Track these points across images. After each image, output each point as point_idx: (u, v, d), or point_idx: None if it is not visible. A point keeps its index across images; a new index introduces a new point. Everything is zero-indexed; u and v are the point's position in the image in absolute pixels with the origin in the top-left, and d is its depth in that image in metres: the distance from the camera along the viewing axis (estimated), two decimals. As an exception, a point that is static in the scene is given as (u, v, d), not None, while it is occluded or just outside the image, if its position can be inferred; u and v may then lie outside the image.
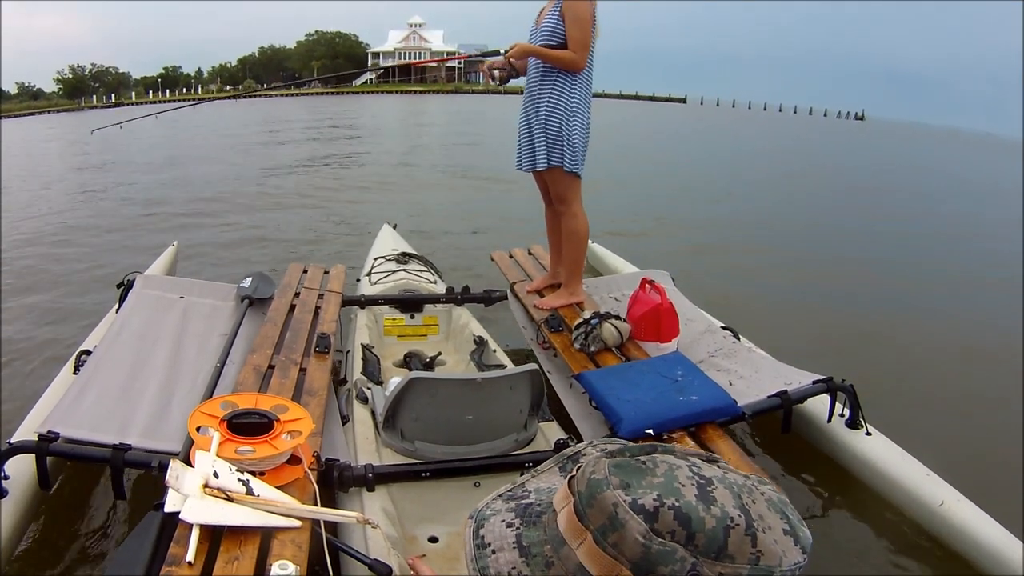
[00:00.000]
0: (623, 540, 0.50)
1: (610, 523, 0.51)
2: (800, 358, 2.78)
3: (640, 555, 0.49)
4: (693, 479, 0.53)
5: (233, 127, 21.68)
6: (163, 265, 4.05)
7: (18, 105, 48.61)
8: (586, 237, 3.07)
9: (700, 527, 0.49)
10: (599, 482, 0.52)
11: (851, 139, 30.06)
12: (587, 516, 0.52)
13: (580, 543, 0.52)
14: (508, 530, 0.57)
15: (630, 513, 0.50)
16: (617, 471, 0.53)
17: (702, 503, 0.51)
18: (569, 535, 0.53)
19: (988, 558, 1.91)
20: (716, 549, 0.49)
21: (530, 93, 2.90)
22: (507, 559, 0.55)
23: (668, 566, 0.49)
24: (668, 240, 7.18)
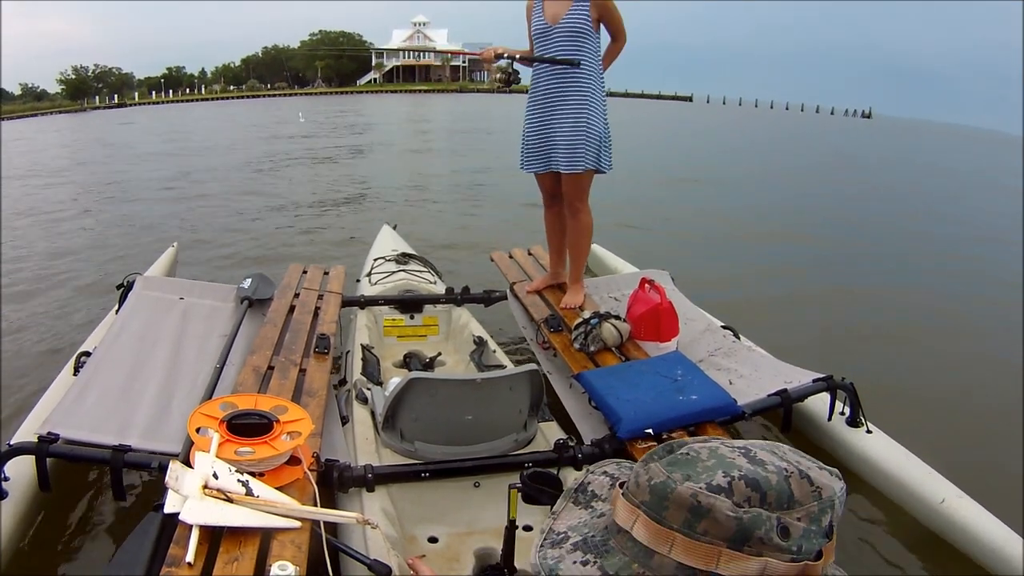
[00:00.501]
0: (714, 523, 0.52)
1: (694, 513, 0.53)
2: (800, 357, 2.78)
3: (734, 529, 0.52)
4: (735, 450, 0.57)
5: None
6: (163, 266, 4.05)
7: (22, 106, 48.58)
8: (592, 234, 3.09)
9: (768, 486, 0.53)
10: (664, 483, 0.55)
11: (861, 137, 29.99)
12: (666, 519, 0.54)
13: (671, 545, 0.53)
14: (587, 568, 0.58)
15: (711, 496, 0.52)
16: (672, 468, 0.56)
17: (757, 466, 0.55)
18: (655, 543, 0.54)
19: (989, 555, 1.91)
20: (786, 499, 0.53)
21: (553, 92, 2.82)
22: None
23: (760, 528, 0.52)
24: (670, 239, 7.18)
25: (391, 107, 35.06)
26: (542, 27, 2.82)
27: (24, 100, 56.47)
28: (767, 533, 0.52)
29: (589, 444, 2.10)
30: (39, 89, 62.86)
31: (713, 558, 0.52)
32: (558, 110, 2.82)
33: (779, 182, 12.46)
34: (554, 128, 2.84)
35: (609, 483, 0.68)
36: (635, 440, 2.03)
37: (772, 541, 0.52)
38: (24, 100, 56.47)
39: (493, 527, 1.87)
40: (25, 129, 24.43)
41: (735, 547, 0.52)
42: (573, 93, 2.79)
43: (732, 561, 0.52)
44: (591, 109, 2.79)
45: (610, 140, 2.89)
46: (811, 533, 0.54)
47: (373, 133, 20.26)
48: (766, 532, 0.52)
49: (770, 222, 8.47)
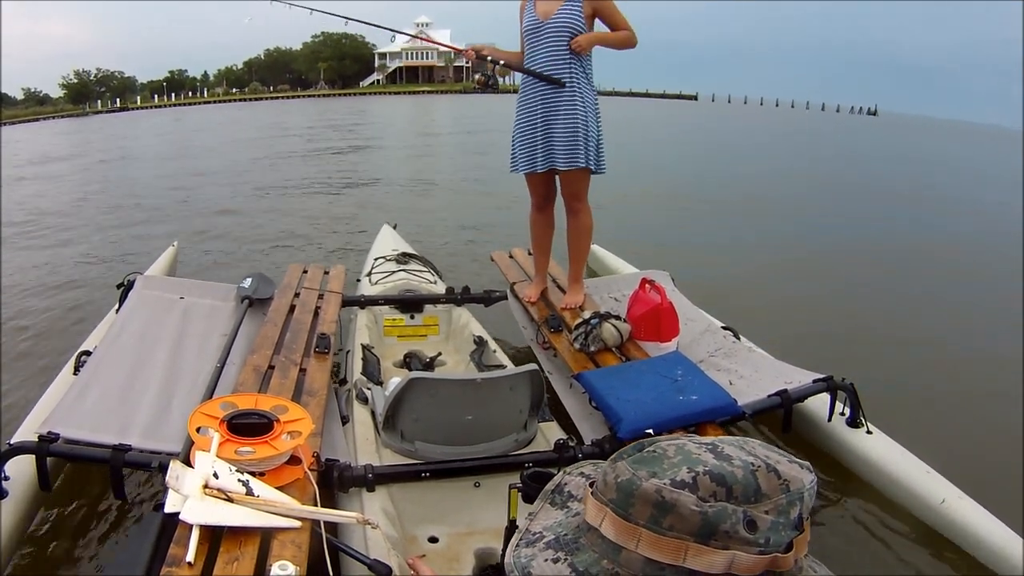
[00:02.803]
0: (679, 518, 0.53)
1: (658, 509, 0.54)
2: (800, 357, 2.78)
3: (699, 523, 0.53)
4: (701, 447, 0.58)
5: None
6: (163, 266, 4.05)
7: (24, 111, 48.58)
8: (592, 234, 3.08)
9: (734, 480, 0.54)
10: (630, 480, 0.56)
11: (868, 135, 29.89)
12: (632, 515, 0.55)
13: (637, 541, 0.55)
14: (558, 565, 0.59)
15: (675, 491, 0.54)
16: (638, 465, 0.57)
17: (723, 461, 0.55)
18: (623, 539, 0.55)
19: (989, 554, 1.92)
20: (753, 493, 0.54)
21: (541, 92, 2.81)
22: None
23: (726, 522, 0.52)
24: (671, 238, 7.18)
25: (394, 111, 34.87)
26: (534, 24, 2.81)
27: (27, 104, 56.42)
28: (733, 527, 0.53)
29: (589, 444, 2.10)
30: (42, 93, 62.92)
31: (680, 552, 0.53)
32: (553, 108, 2.81)
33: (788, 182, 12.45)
34: (549, 126, 2.82)
35: (584, 484, 0.69)
36: (635, 440, 2.02)
37: (739, 534, 0.53)
38: (27, 104, 56.42)
39: (493, 527, 1.87)
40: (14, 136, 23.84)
41: (701, 541, 0.53)
42: (567, 92, 2.79)
43: (699, 555, 0.53)
44: (585, 107, 2.79)
45: (603, 140, 2.89)
46: (779, 525, 0.54)
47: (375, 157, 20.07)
48: (732, 525, 0.53)
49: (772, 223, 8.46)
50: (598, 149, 2.86)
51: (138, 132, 23.36)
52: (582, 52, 2.78)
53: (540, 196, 3.05)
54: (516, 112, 2.95)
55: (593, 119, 2.83)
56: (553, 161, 2.85)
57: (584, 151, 2.79)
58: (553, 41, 2.76)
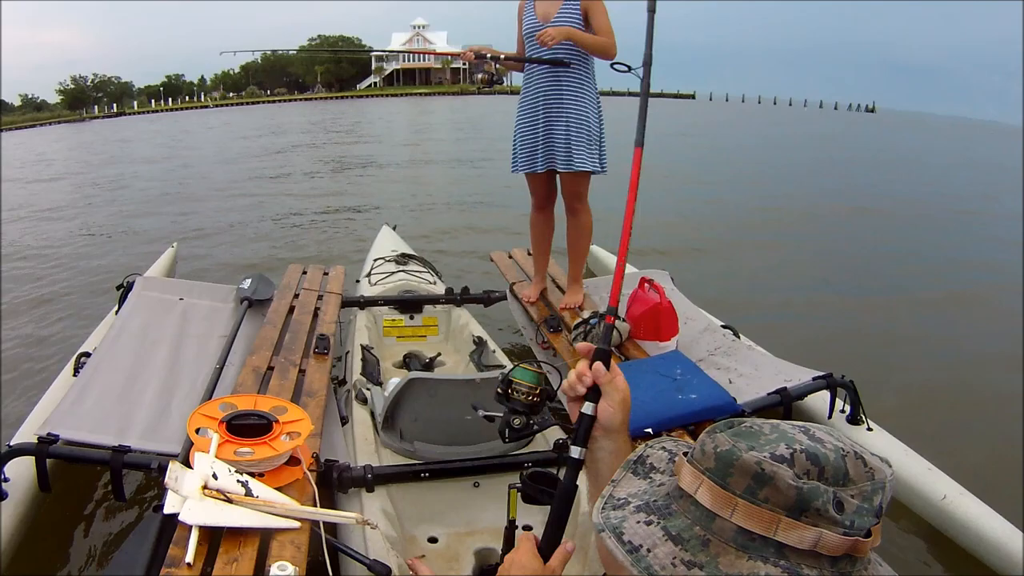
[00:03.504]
0: (775, 491, 0.55)
1: (757, 481, 0.55)
2: (800, 355, 2.78)
3: (794, 498, 0.54)
4: (795, 428, 0.60)
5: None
6: (162, 267, 4.05)
7: (21, 117, 48.49)
8: (592, 234, 3.08)
9: (826, 461, 0.56)
10: (730, 451, 0.57)
11: (866, 131, 29.83)
12: (729, 485, 0.57)
13: (732, 510, 0.56)
14: (650, 527, 0.60)
15: (775, 464, 0.55)
16: (738, 438, 0.58)
17: (816, 442, 0.57)
18: (718, 507, 0.57)
19: (990, 551, 1.92)
20: (842, 476, 0.56)
21: (548, 91, 2.80)
22: (664, 552, 0.58)
23: (818, 500, 0.54)
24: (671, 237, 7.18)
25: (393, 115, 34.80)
26: (534, 26, 2.80)
27: (24, 111, 56.29)
28: (824, 505, 0.54)
29: (589, 443, 2.09)
30: (39, 100, 62.75)
31: (772, 524, 0.55)
32: (555, 108, 2.80)
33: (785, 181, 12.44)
34: (551, 126, 2.81)
35: (667, 457, 0.71)
36: (635, 440, 2.02)
37: (828, 513, 0.54)
38: (24, 111, 56.29)
39: (493, 527, 1.87)
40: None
41: (793, 516, 0.54)
42: (569, 91, 2.78)
43: (790, 529, 0.54)
44: (588, 107, 2.78)
45: (605, 140, 2.88)
46: (863, 511, 0.56)
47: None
48: (823, 504, 0.54)
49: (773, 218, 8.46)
50: (600, 149, 2.85)
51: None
52: (552, 43, 2.70)
53: (540, 196, 3.04)
54: (517, 112, 2.94)
55: (595, 121, 2.81)
56: (553, 162, 2.85)
57: (584, 153, 2.79)
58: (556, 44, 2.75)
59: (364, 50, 67.73)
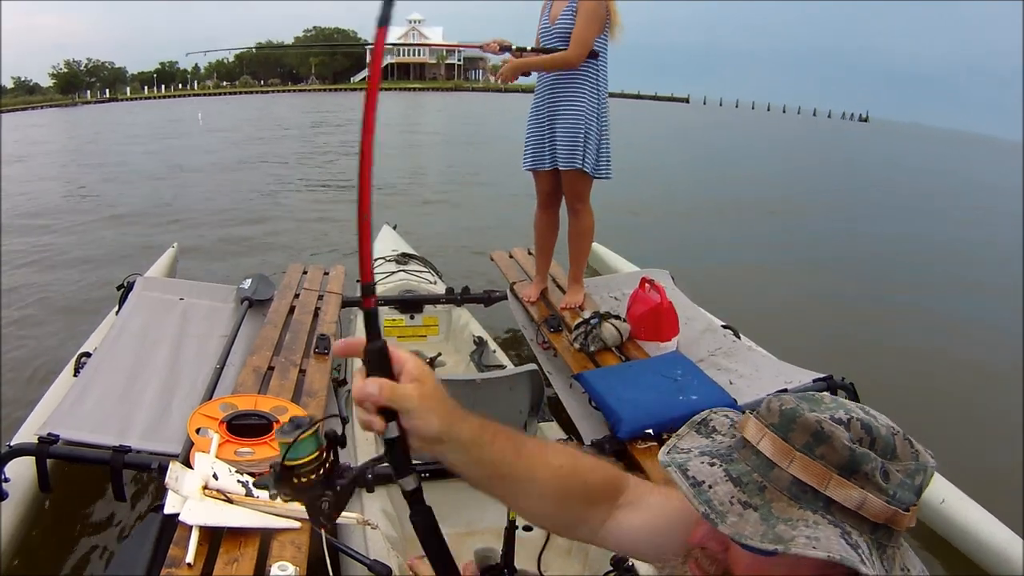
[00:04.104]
0: (831, 449, 0.59)
1: (815, 438, 0.60)
2: (800, 356, 2.78)
3: (847, 458, 0.59)
4: (853, 403, 0.64)
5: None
6: (163, 267, 4.06)
7: (13, 100, 48.23)
8: (593, 235, 3.08)
9: (878, 433, 0.61)
10: (794, 409, 0.62)
11: (861, 143, 29.81)
12: (791, 438, 0.61)
13: (790, 461, 0.61)
14: (713, 468, 0.65)
15: (833, 425, 0.60)
16: (802, 400, 0.64)
17: (871, 417, 0.62)
18: (777, 457, 0.62)
19: (989, 555, 1.92)
20: (890, 451, 0.61)
21: (548, 91, 2.82)
22: (724, 491, 0.63)
23: (868, 464, 0.58)
24: (670, 237, 7.19)
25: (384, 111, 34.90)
26: (544, 26, 2.82)
27: (16, 94, 55.94)
28: (872, 471, 0.58)
29: (589, 444, 2.10)
30: (32, 83, 62.41)
31: (825, 479, 0.59)
32: (556, 107, 2.81)
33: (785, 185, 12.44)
34: (554, 125, 2.83)
35: (728, 423, 0.75)
36: (635, 440, 2.03)
37: (875, 479, 0.59)
38: (16, 94, 55.94)
39: (493, 527, 1.87)
40: None
41: (844, 475, 0.59)
42: (569, 91, 2.78)
43: (840, 487, 0.59)
44: (587, 107, 2.78)
45: (609, 147, 2.86)
46: (906, 485, 0.60)
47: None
48: (871, 469, 0.59)
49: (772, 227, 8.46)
50: (598, 153, 2.83)
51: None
52: (507, 81, 2.80)
53: (544, 194, 3.05)
54: (529, 111, 2.96)
55: (596, 122, 2.80)
56: (554, 160, 2.86)
57: (583, 153, 2.79)
58: (560, 43, 2.75)
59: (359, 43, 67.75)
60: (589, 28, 2.68)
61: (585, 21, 2.67)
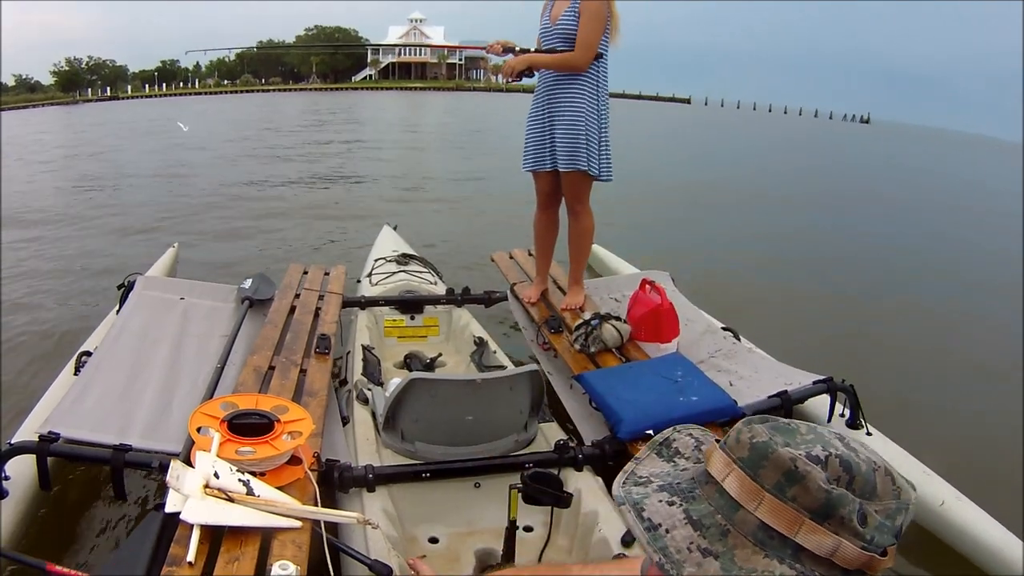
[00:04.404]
0: (805, 491, 0.53)
1: (787, 478, 0.54)
2: (800, 357, 2.78)
3: (822, 501, 0.53)
4: (832, 433, 0.58)
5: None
6: (164, 266, 4.06)
7: (14, 97, 48.10)
8: (593, 236, 3.09)
9: (858, 471, 0.55)
10: (766, 443, 0.56)
11: (863, 144, 29.78)
12: (760, 476, 0.55)
13: (758, 503, 0.55)
14: (672, 508, 0.59)
15: (809, 464, 0.53)
16: (776, 432, 0.57)
17: (851, 451, 0.56)
18: (744, 498, 0.56)
19: (988, 557, 1.92)
20: (870, 490, 0.55)
21: (549, 91, 2.82)
22: (683, 535, 0.57)
23: (845, 508, 0.53)
24: (671, 239, 7.19)
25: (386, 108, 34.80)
26: (545, 26, 2.82)
27: (17, 91, 55.82)
28: (848, 515, 0.53)
29: (590, 445, 2.10)
30: (33, 80, 62.21)
31: (795, 525, 0.54)
32: (557, 108, 2.81)
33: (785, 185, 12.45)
34: (553, 125, 2.83)
35: (693, 444, 0.69)
36: (635, 441, 2.03)
37: (851, 524, 0.53)
38: (17, 91, 55.82)
39: (494, 527, 1.87)
40: None
41: (817, 520, 0.53)
42: (570, 92, 2.78)
43: (811, 533, 0.53)
44: (587, 110, 2.78)
45: (609, 149, 2.86)
46: (885, 528, 0.55)
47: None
48: (848, 513, 0.53)
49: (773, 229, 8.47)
50: (600, 155, 2.83)
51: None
52: (513, 72, 2.79)
53: (544, 195, 3.05)
54: (528, 112, 2.96)
55: (596, 123, 2.81)
56: (555, 161, 2.86)
57: (585, 154, 2.79)
58: (561, 44, 2.75)
59: (360, 44, 67.77)
60: (594, 30, 2.69)
61: (590, 23, 2.68)
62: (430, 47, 64.82)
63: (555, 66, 2.78)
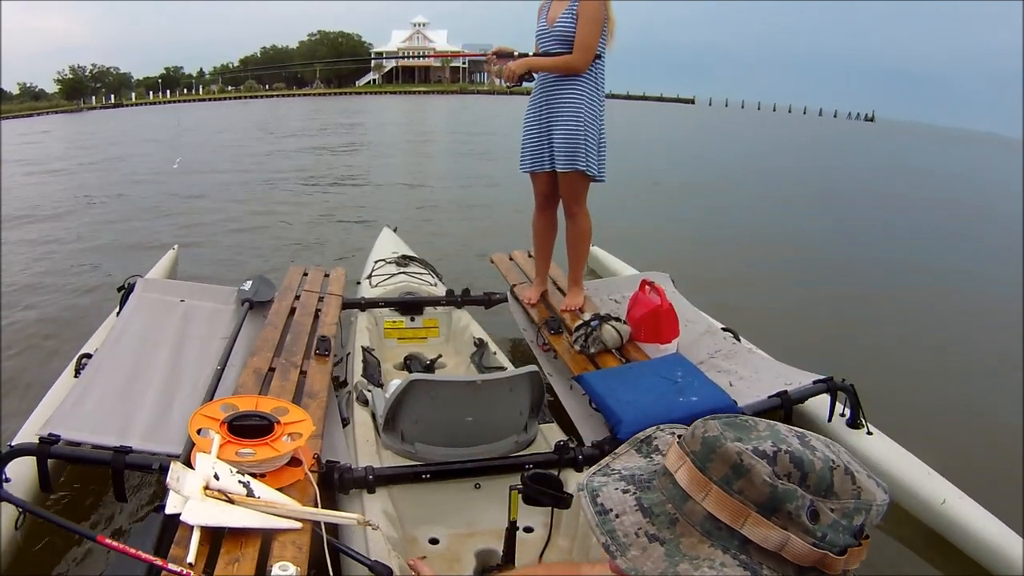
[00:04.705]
0: (750, 484, 0.54)
1: (734, 471, 0.55)
2: (800, 359, 2.78)
3: (767, 495, 0.54)
4: (791, 431, 0.59)
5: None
6: (164, 268, 4.06)
7: (19, 106, 48.28)
8: (591, 238, 3.09)
9: (811, 468, 0.55)
10: (716, 438, 0.57)
11: (869, 142, 29.76)
12: (708, 469, 0.57)
13: (705, 495, 0.56)
14: (625, 495, 0.61)
15: (754, 458, 0.55)
16: (728, 428, 0.59)
17: (806, 449, 0.56)
18: (692, 489, 0.57)
19: (989, 555, 1.92)
20: (825, 488, 0.55)
21: (547, 93, 2.84)
22: (632, 521, 0.59)
23: (792, 503, 0.53)
24: (671, 240, 7.19)
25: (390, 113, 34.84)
26: (542, 27, 2.83)
27: (22, 100, 56.04)
28: (796, 510, 0.53)
29: (590, 446, 2.10)
30: (37, 88, 62.42)
31: (740, 517, 0.54)
32: (555, 109, 2.82)
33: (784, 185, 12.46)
34: (551, 127, 2.84)
35: (674, 439, 0.70)
36: (634, 441, 2.03)
37: (799, 519, 0.54)
38: (22, 100, 56.04)
39: (494, 528, 1.87)
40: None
41: (764, 513, 0.54)
42: (569, 93, 2.79)
43: (757, 525, 0.54)
44: (586, 111, 2.79)
45: (605, 149, 2.88)
46: (840, 527, 0.55)
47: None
48: (796, 509, 0.53)
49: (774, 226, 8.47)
50: (599, 155, 2.85)
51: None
52: (513, 76, 2.80)
53: (542, 196, 3.06)
54: (525, 114, 2.97)
55: (595, 124, 2.82)
56: (553, 162, 2.86)
57: (584, 155, 2.80)
58: (558, 46, 2.76)
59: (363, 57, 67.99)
60: (593, 32, 2.71)
61: (588, 25, 2.69)
62: (432, 55, 64.73)
63: (555, 69, 2.79)
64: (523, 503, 1.44)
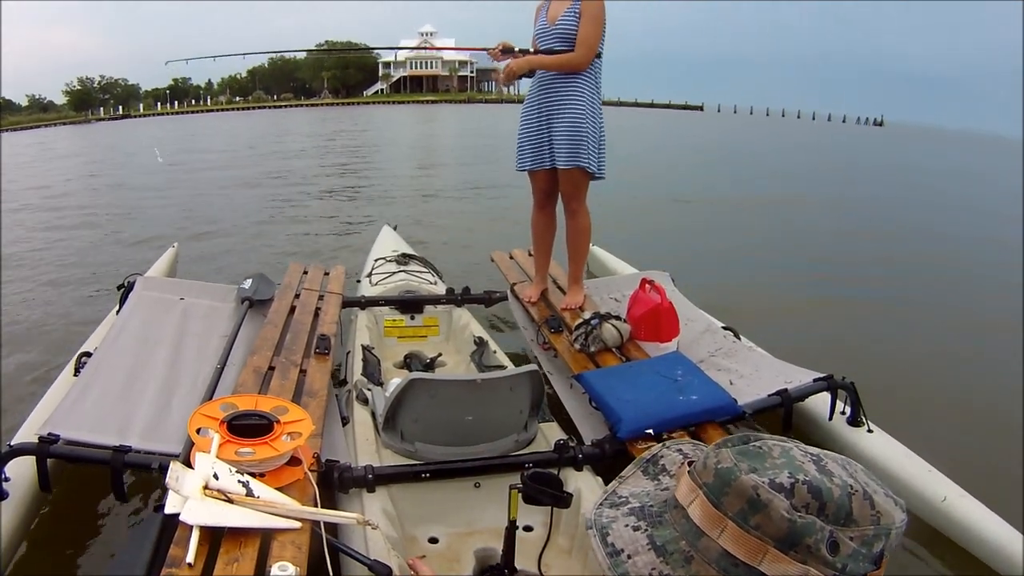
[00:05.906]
0: (768, 519, 0.52)
1: (751, 506, 0.53)
2: (800, 357, 2.78)
3: (786, 530, 0.52)
4: (807, 456, 0.57)
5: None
6: (163, 267, 4.05)
7: (27, 117, 48.46)
8: (590, 235, 3.09)
9: (830, 497, 0.53)
10: (730, 469, 0.55)
11: (878, 146, 29.64)
12: (723, 504, 0.54)
13: (721, 531, 0.54)
14: (637, 533, 0.59)
15: (771, 492, 0.52)
16: (742, 457, 0.56)
17: (824, 476, 0.54)
18: (707, 525, 0.55)
19: (990, 552, 1.92)
20: (844, 516, 0.53)
21: (547, 91, 2.84)
22: (645, 561, 0.56)
23: (811, 536, 0.51)
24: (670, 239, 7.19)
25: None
26: (542, 27, 2.83)
27: (30, 111, 56.25)
28: (816, 543, 0.52)
29: (590, 444, 2.10)
30: (45, 100, 62.69)
31: (758, 554, 0.52)
32: (557, 107, 2.81)
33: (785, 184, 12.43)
34: (551, 124, 2.83)
35: (681, 460, 0.68)
36: (635, 440, 2.03)
37: (819, 552, 0.52)
38: (30, 111, 56.25)
39: (493, 527, 1.87)
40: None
41: (782, 548, 0.52)
42: (570, 92, 2.79)
43: (776, 561, 0.52)
44: (587, 109, 2.79)
45: (604, 147, 2.88)
46: (860, 555, 0.53)
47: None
48: (816, 542, 0.52)
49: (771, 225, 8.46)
50: (599, 153, 2.86)
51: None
52: (513, 76, 2.81)
53: (541, 193, 3.06)
54: (521, 112, 2.96)
55: (595, 123, 2.82)
56: (553, 159, 2.86)
57: (586, 151, 2.80)
58: (559, 44, 2.76)
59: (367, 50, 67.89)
60: (595, 31, 2.72)
61: (591, 24, 2.71)
62: (437, 57, 64.63)
63: (557, 66, 2.78)
64: (523, 502, 1.43)
